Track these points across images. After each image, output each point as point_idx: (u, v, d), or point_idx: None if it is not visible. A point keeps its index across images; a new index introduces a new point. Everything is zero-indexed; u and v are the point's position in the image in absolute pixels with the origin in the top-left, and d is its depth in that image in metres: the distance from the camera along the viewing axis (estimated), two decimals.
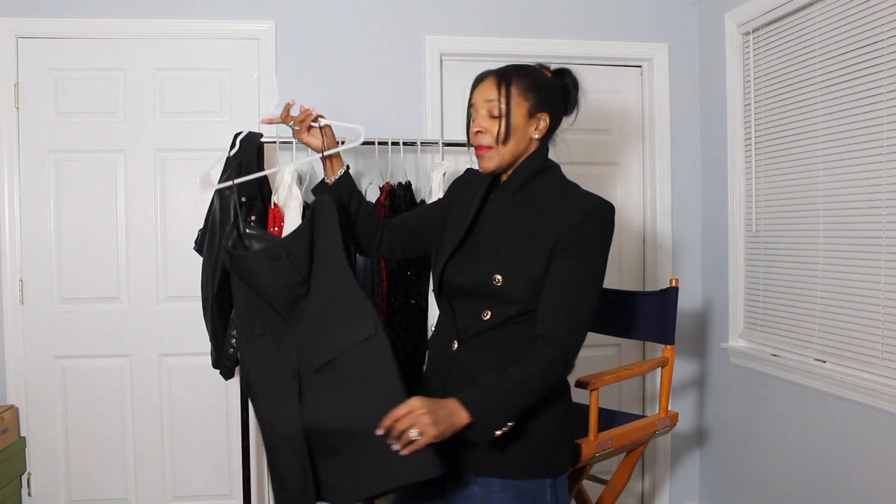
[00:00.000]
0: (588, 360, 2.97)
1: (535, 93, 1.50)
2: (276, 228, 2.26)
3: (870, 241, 2.04)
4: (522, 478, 1.44)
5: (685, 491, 3.00)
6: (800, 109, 2.32)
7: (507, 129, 1.48)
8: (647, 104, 2.97)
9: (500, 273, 1.44)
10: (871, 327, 2.04)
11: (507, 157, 1.51)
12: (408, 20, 2.77)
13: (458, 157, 2.74)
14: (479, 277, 1.47)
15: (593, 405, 1.85)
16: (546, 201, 1.48)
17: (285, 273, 1.51)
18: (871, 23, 2.00)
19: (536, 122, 1.51)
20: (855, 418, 2.08)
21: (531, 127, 1.51)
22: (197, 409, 2.73)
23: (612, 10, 2.90)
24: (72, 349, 2.67)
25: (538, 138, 1.52)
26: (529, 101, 1.50)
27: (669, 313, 2.09)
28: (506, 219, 1.51)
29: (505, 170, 1.54)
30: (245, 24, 2.69)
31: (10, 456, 2.54)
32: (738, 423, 2.68)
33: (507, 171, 1.54)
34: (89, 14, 2.63)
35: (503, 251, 1.47)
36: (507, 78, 1.50)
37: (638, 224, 3.01)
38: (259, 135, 2.35)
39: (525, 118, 1.50)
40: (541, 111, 1.50)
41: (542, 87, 1.51)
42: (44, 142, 2.65)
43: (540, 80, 1.52)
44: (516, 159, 1.53)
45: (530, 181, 1.52)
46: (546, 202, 1.48)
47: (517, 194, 1.52)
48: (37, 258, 2.65)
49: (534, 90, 1.50)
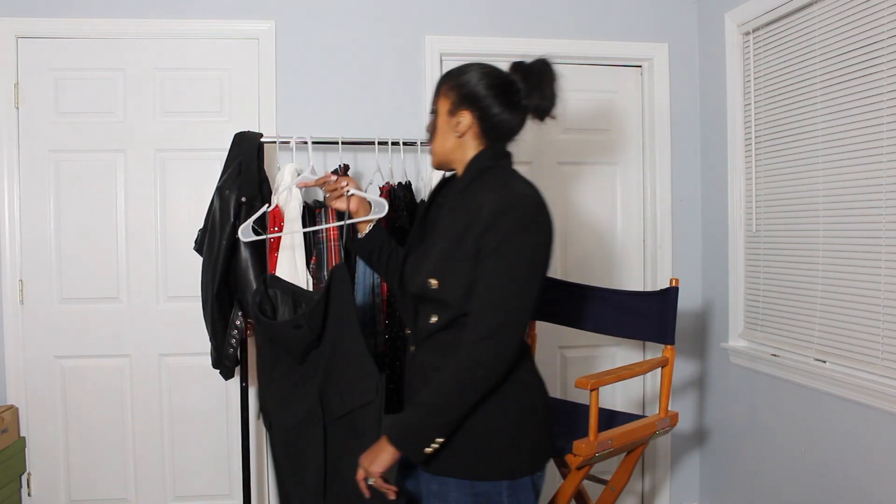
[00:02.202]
0: (588, 360, 2.97)
1: (456, 91, 1.50)
2: (276, 228, 2.26)
3: (870, 241, 2.04)
4: (476, 479, 1.42)
5: (685, 491, 3.00)
6: (800, 109, 2.32)
7: (431, 127, 1.56)
8: (647, 104, 2.97)
9: (434, 277, 1.44)
10: (871, 327, 2.04)
11: (437, 155, 1.56)
12: (408, 20, 2.78)
13: None
14: (419, 282, 1.48)
15: (593, 405, 1.85)
16: (474, 202, 1.44)
17: (305, 336, 1.78)
18: (871, 23, 2.00)
19: (457, 120, 1.50)
20: (855, 418, 2.08)
21: (451, 125, 1.51)
22: (197, 409, 2.73)
23: (612, 10, 2.90)
24: (72, 349, 2.67)
25: (459, 136, 1.51)
26: (450, 100, 1.51)
27: (669, 313, 2.09)
28: (444, 221, 1.52)
29: (447, 168, 1.58)
30: (245, 24, 2.69)
31: (9, 456, 2.54)
32: (738, 423, 2.68)
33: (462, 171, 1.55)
34: (89, 14, 2.63)
35: (436, 254, 1.46)
36: (441, 78, 1.56)
37: (638, 224, 3.01)
38: (259, 134, 2.36)
39: (447, 116, 1.52)
40: (460, 109, 1.50)
41: (466, 85, 1.50)
42: (44, 142, 2.65)
43: (466, 78, 1.51)
44: (448, 157, 1.55)
45: (474, 181, 1.50)
46: (473, 203, 1.44)
47: (461, 195, 1.51)
48: (37, 258, 2.65)
49: (456, 89, 1.50)
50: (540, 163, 2.93)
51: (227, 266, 2.25)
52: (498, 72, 1.52)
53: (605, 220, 2.99)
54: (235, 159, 2.32)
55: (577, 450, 1.84)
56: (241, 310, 2.26)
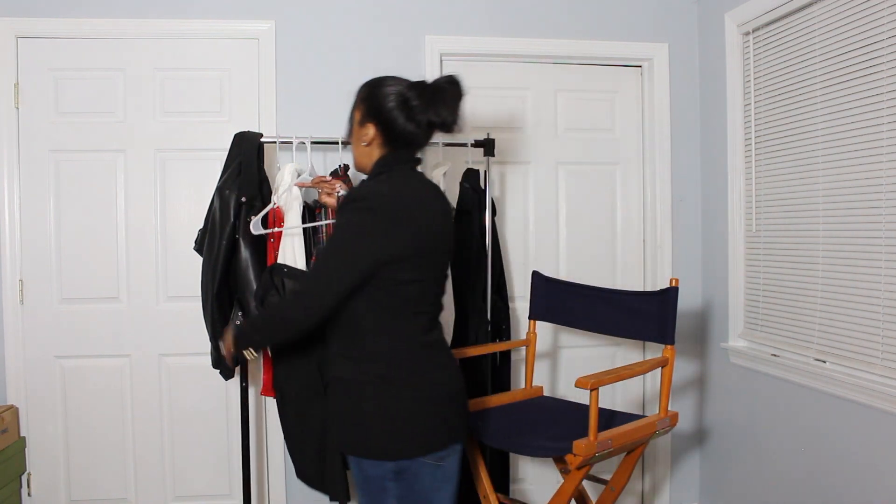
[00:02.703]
0: (588, 360, 2.97)
1: (366, 105, 1.66)
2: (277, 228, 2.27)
3: (870, 241, 2.04)
4: (364, 457, 1.59)
5: (685, 491, 3.00)
6: (800, 109, 2.32)
7: (347, 134, 1.73)
8: (647, 104, 2.97)
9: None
10: (871, 327, 2.04)
11: (356, 162, 1.73)
12: (408, 20, 2.78)
13: (458, 156, 2.74)
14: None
15: (593, 405, 1.85)
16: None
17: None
18: (871, 23, 2.00)
19: (365, 132, 1.66)
20: (855, 418, 2.08)
21: (360, 135, 1.68)
22: (197, 409, 2.73)
23: (612, 10, 2.90)
24: (72, 349, 2.67)
25: (366, 145, 1.67)
26: (360, 112, 1.68)
27: (669, 313, 2.08)
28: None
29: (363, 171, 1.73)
30: (245, 24, 2.69)
31: (10, 456, 2.54)
32: (738, 423, 2.68)
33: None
34: (89, 14, 2.63)
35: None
36: (358, 89, 1.70)
37: (638, 224, 3.01)
38: (259, 134, 2.36)
39: (357, 126, 1.69)
40: (367, 122, 1.66)
41: (372, 98, 1.65)
42: (44, 142, 2.65)
43: (374, 92, 1.65)
44: (360, 161, 1.72)
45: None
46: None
47: None
48: (37, 258, 2.65)
49: (366, 102, 1.66)
50: (540, 163, 2.93)
51: (227, 266, 2.25)
52: (402, 88, 1.64)
53: (605, 221, 2.99)
54: (235, 159, 2.32)
55: (577, 450, 1.84)
56: (241, 310, 2.26)
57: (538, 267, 2.83)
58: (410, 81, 1.65)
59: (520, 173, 2.92)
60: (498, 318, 2.54)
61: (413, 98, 1.61)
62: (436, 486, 1.62)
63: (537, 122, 2.93)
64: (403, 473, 1.57)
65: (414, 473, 1.58)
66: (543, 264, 2.89)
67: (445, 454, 1.62)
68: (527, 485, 2.95)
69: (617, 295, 2.27)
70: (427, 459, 1.59)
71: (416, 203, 1.61)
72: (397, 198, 1.58)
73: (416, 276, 1.59)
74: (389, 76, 1.68)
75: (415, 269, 1.59)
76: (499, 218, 2.74)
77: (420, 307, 1.62)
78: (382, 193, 1.57)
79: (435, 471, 1.61)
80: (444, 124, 1.64)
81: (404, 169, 1.66)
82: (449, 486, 1.66)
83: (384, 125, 1.63)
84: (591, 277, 2.89)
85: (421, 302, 1.62)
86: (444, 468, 1.63)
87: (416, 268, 1.59)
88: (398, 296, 1.58)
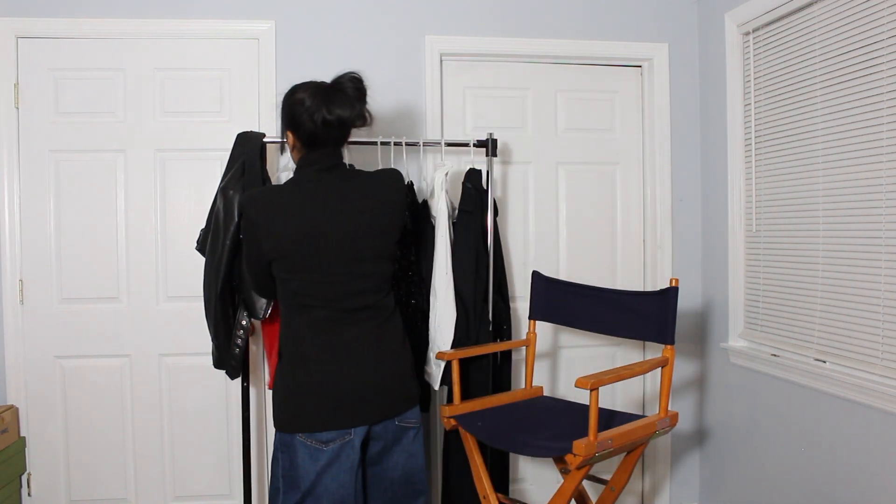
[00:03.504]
0: (588, 360, 2.97)
1: (282, 114, 1.82)
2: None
3: (870, 241, 2.04)
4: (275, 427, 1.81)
5: (685, 491, 3.00)
6: (800, 109, 2.32)
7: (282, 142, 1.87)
8: (647, 104, 2.97)
9: None
10: (871, 327, 2.04)
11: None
12: (408, 20, 2.78)
13: (459, 157, 2.74)
14: None
15: (593, 405, 1.85)
16: None
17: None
18: (871, 23, 2.00)
19: (288, 139, 1.82)
20: (855, 418, 2.09)
21: (288, 143, 1.83)
22: (197, 409, 2.73)
23: (612, 10, 2.90)
24: (72, 349, 2.67)
25: (293, 151, 1.84)
26: (282, 123, 1.83)
27: (669, 313, 2.08)
28: None
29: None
30: (245, 24, 2.69)
31: (10, 456, 2.54)
32: (738, 423, 2.68)
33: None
34: (89, 14, 2.63)
35: None
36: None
37: (638, 224, 3.01)
38: (262, 134, 2.36)
39: (284, 136, 1.84)
40: (285, 129, 1.82)
41: (284, 108, 1.80)
42: (44, 142, 2.65)
43: (285, 102, 1.80)
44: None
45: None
46: None
47: None
48: (37, 258, 2.65)
49: (281, 112, 1.82)
50: (540, 163, 2.93)
51: (231, 267, 2.25)
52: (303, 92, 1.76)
53: (605, 221, 2.99)
54: (238, 159, 2.32)
55: (577, 450, 1.84)
56: (246, 310, 2.26)
57: (538, 267, 2.84)
58: (315, 84, 1.77)
59: (520, 173, 2.92)
60: (499, 318, 2.54)
61: (307, 99, 1.73)
62: (318, 468, 1.74)
63: (537, 122, 2.93)
64: (287, 447, 1.76)
65: (294, 449, 1.75)
66: (543, 264, 2.89)
67: (327, 438, 1.73)
68: (527, 485, 2.95)
69: (617, 295, 2.27)
70: (303, 439, 1.74)
71: (291, 205, 1.73)
72: (264, 202, 1.74)
73: (295, 273, 1.74)
74: (303, 82, 1.80)
75: (292, 267, 1.74)
76: (499, 218, 2.74)
77: (308, 300, 1.75)
78: (250, 199, 1.75)
79: (315, 452, 1.73)
80: (342, 120, 1.74)
81: (309, 170, 1.79)
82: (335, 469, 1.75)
83: (295, 130, 1.78)
84: (591, 277, 2.89)
85: (309, 296, 1.75)
86: (328, 452, 1.74)
87: (293, 265, 1.73)
88: (286, 289, 1.77)
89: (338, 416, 1.75)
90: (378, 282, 1.82)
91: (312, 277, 1.74)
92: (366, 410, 1.77)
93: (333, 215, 1.74)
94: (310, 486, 1.74)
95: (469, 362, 2.43)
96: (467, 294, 2.42)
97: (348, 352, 1.77)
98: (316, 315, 1.76)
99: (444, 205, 2.38)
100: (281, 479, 1.79)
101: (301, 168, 1.80)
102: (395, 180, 1.88)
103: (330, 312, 1.76)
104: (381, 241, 1.81)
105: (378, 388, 1.79)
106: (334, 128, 1.75)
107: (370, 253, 1.79)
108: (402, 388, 1.85)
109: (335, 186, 1.77)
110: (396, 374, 1.84)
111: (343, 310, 1.77)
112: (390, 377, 1.82)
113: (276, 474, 1.82)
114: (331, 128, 1.74)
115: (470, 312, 2.43)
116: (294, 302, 1.77)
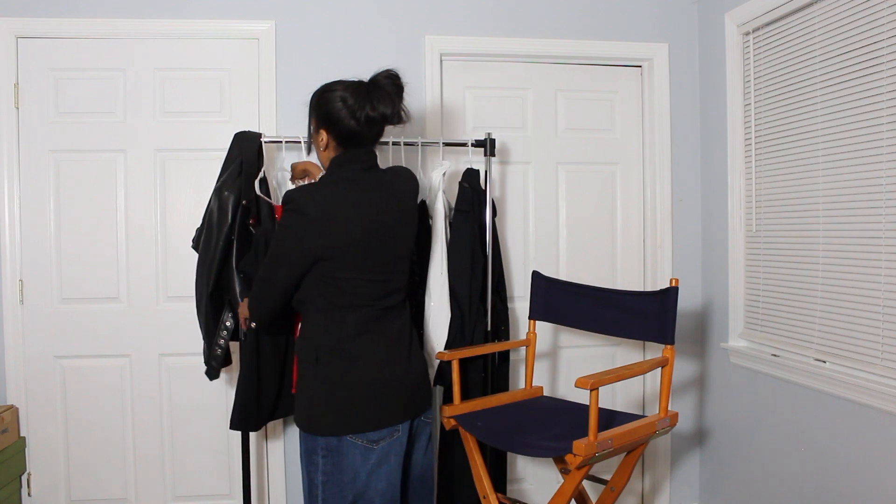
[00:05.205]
0: (588, 360, 2.97)
1: (315, 112, 1.78)
2: None
3: (870, 241, 2.04)
4: (303, 430, 1.76)
5: (685, 491, 3.00)
6: (800, 109, 2.32)
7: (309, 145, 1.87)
8: (647, 104, 2.97)
9: None
10: (871, 327, 2.04)
11: (323, 167, 1.85)
12: (408, 20, 2.78)
13: (458, 156, 2.74)
14: None
15: (593, 405, 1.85)
16: None
17: None
18: (871, 23, 2.00)
19: (320, 137, 1.78)
20: (855, 418, 2.09)
21: (317, 142, 1.80)
22: (197, 409, 2.73)
23: (612, 10, 2.90)
24: (72, 349, 2.67)
25: (324, 150, 1.79)
26: (314, 120, 1.80)
27: (669, 313, 2.08)
28: None
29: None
30: (245, 24, 2.69)
31: (10, 456, 2.54)
32: (738, 423, 2.68)
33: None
34: (89, 14, 2.63)
35: None
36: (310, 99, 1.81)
37: (638, 224, 3.01)
38: (259, 134, 2.36)
39: (315, 134, 1.80)
40: (319, 127, 1.77)
41: (319, 105, 1.76)
42: (44, 142, 2.65)
43: (320, 99, 1.76)
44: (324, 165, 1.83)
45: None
46: None
47: None
48: (37, 258, 2.65)
49: (314, 109, 1.78)
50: (540, 163, 2.93)
51: (223, 267, 2.25)
52: (342, 90, 1.73)
53: (605, 221, 2.99)
54: (235, 159, 2.32)
55: (577, 450, 1.84)
56: (231, 311, 2.26)
57: (538, 267, 2.84)
58: (351, 82, 1.75)
59: (519, 173, 2.92)
60: (496, 319, 2.53)
61: (349, 97, 1.71)
62: (368, 468, 1.71)
63: (537, 122, 2.93)
64: (331, 450, 1.70)
65: (342, 452, 1.70)
66: (543, 264, 2.89)
67: (377, 437, 1.71)
68: (527, 485, 2.95)
69: (617, 295, 2.27)
70: (354, 440, 1.69)
71: (346, 203, 1.69)
72: (322, 199, 1.68)
73: (346, 271, 1.70)
74: (335, 81, 1.77)
75: (344, 265, 1.69)
76: (499, 218, 2.74)
77: (357, 300, 1.73)
78: (308, 195, 1.69)
79: (366, 452, 1.70)
80: (384, 117, 1.74)
81: (352, 168, 1.76)
82: (385, 469, 1.74)
83: (332, 128, 1.74)
84: (591, 277, 2.89)
85: (355, 295, 1.72)
86: (378, 451, 1.71)
87: (346, 263, 1.69)
88: (332, 288, 1.71)
89: (387, 413, 1.74)
90: (405, 281, 1.85)
91: (362, 276, 1.72)
92: (409, 406, 1.79)
93: (380, 214, 1.75)
94: (361, 489, 1.71)
95: (465, 363, 2.42)
96: (462, 294, 2.41)
97: (389, 349, 1.78)
98: (361, 314, 1.74)
99: (441, 205, 2.38)
100: (321, 487, 1.72)
101: (340, 166, 1.76)
102: (413, 180, 1.90)
103: (373, 311, 1.76)
104: (410, 240, 1.85)
105: (414, 383, 1.81)
106: (376, 125, 1.75)
107: (403, 252, 1.82)
108: (427, 383, 1.89)
109: (377, 185, 1.78)
110: (423, 370, 1.87)
111: (382, 308, 1.78)
112: (420, 373, 1.85)
113: (315, 481, 1.73)
114: (373, 125, 1.74)
115: (465, 312, 2.42)
116: (340, 302, 1.72)
